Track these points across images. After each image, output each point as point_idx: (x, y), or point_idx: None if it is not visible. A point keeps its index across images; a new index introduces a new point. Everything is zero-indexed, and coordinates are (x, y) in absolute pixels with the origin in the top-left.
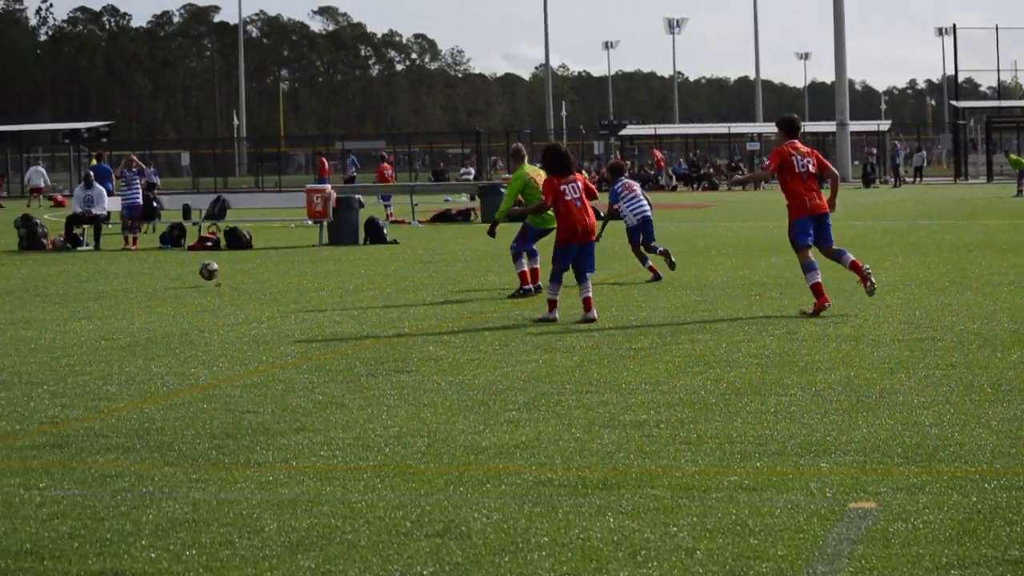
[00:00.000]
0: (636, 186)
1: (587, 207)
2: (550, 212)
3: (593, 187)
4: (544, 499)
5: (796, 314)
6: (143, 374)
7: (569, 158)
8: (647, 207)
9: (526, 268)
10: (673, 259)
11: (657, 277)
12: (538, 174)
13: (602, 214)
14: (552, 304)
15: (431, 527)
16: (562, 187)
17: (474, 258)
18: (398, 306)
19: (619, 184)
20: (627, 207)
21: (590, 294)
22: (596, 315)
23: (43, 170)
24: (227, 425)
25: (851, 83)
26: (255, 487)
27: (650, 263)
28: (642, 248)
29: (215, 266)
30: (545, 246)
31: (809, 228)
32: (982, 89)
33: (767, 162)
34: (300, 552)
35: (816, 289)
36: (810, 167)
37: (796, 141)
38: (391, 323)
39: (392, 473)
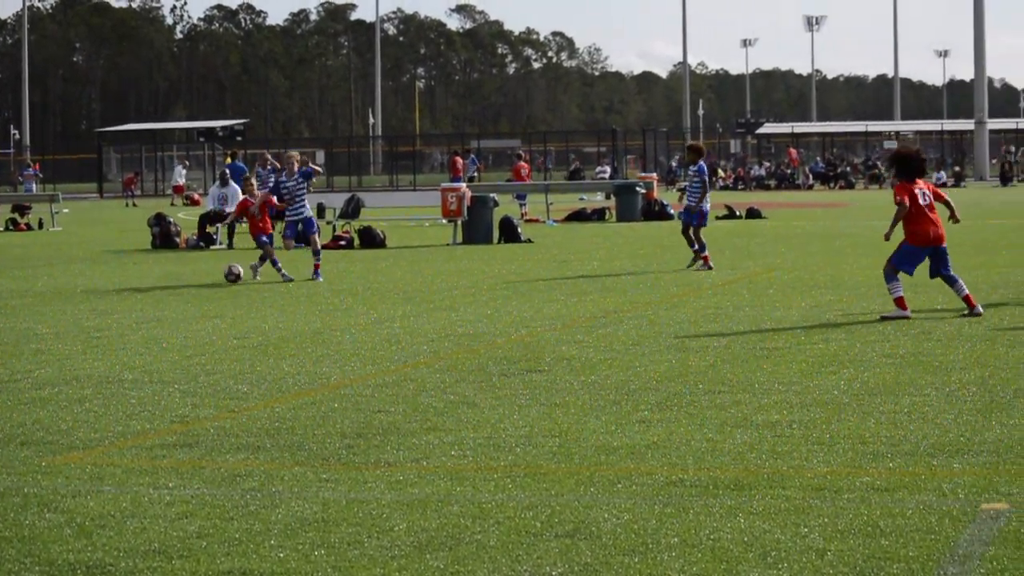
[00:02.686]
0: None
1: (935, 213)
2: None
3: (942, 193)
4: (675, 499)
5: (931, 312)
6: (274, 373)
7: (922, 162)
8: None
9: None
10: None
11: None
12: None
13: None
14: (902, 301)
15: (561, 527)
16: (916, 191)
17: (608, 257)
18: (532, 305)
19: (701, 167)
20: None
21: (967, 291)
22: (982, 309)
23: (183, 169)
24: (358, 424)
25: (990, 80)
26: (385, 487)
27: (698, 248)
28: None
29: (239, 269)
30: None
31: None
32: None
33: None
34: (429, 552)
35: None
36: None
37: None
38: (524, 322)
39: (523, 473)
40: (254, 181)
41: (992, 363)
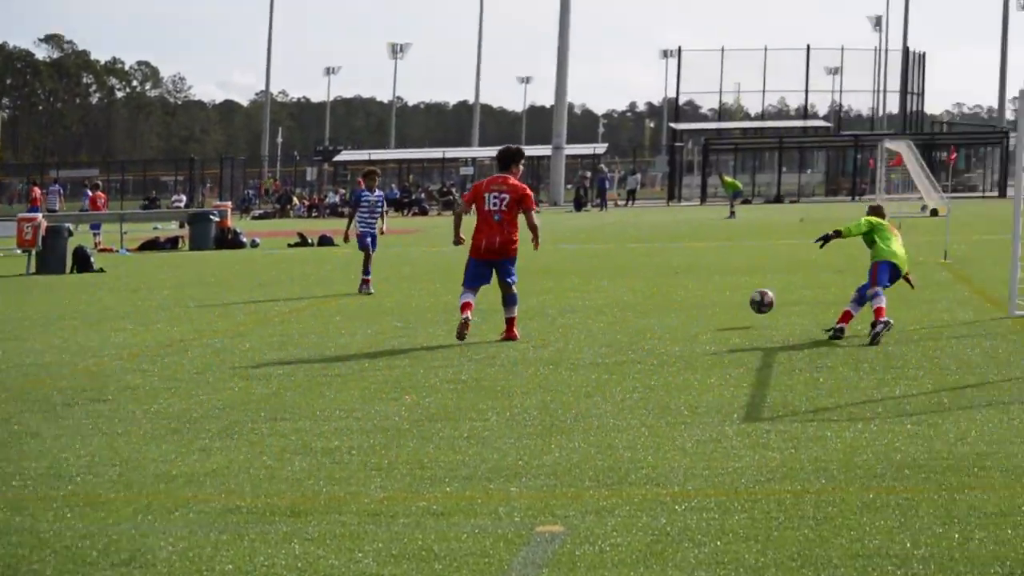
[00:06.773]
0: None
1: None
2: (882, 246)
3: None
4: (231, 527)
5: (496, 339)
6: None
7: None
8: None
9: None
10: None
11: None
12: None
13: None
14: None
15: (117, 556)
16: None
17: (179, 285)
18: (100, 335)
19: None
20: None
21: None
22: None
23: None
24: None
25: (571, 106)
26: None
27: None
28: None
29: (770, 297)
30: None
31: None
32: (703, 111)
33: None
34: None
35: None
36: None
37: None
38: (92, 352)
39: (82, 502)
40: None
41: (555, 387)
